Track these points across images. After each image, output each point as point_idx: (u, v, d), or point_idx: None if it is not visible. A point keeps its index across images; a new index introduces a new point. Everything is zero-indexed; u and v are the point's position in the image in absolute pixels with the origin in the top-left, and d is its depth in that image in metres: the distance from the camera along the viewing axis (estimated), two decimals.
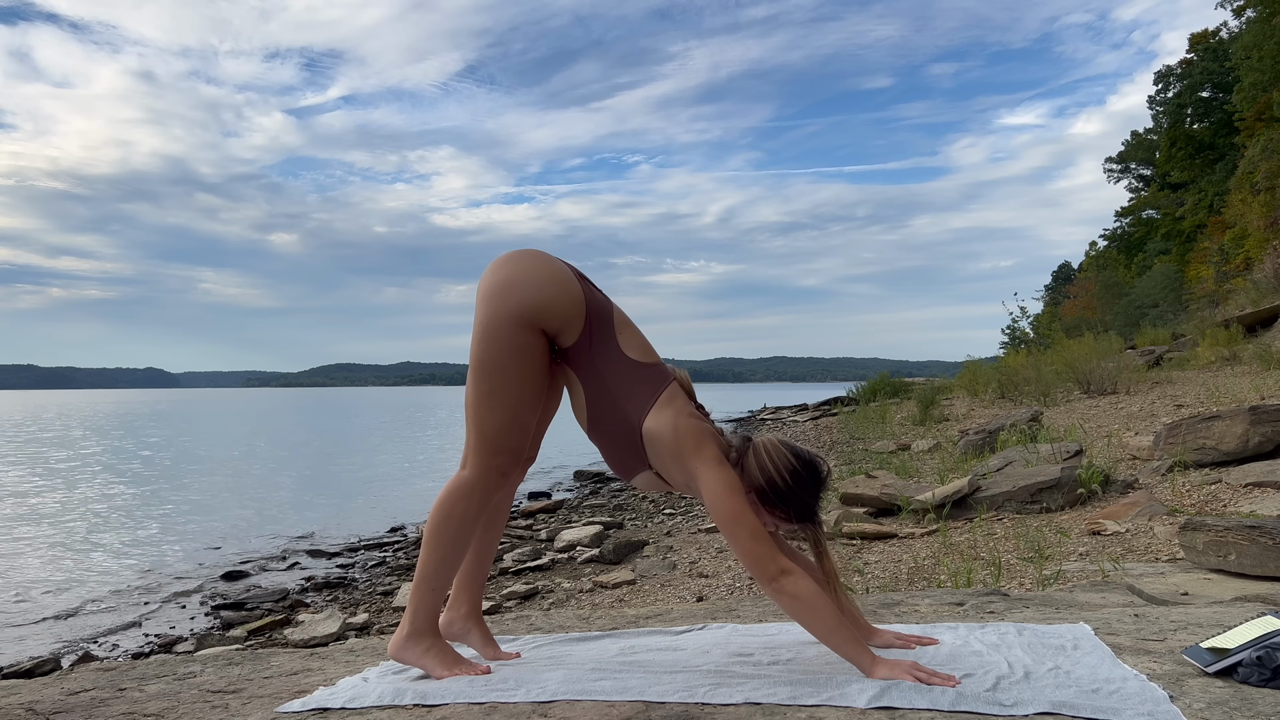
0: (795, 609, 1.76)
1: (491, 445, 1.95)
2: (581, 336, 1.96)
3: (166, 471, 19.01)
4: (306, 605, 7.22)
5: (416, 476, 17.36)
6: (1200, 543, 4.07)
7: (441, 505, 1.97)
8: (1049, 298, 52.56)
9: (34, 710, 1.85)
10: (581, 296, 1.96)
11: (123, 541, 10.30)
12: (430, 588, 1.97)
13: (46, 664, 5.62)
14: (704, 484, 1.84)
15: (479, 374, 1.93)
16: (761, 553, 1.77)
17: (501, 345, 1.91)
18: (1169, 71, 40.43)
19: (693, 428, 1.88)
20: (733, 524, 1.80)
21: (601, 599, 6.22)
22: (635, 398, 1.92)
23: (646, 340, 2.03)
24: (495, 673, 1.94)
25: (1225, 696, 1.57)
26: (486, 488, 1.97)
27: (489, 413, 1.93)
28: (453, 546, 1.97)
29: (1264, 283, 18.91)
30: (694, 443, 1.87)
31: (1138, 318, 30.20)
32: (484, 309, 1.93)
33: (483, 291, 1.95)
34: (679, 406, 1.92)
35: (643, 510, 11.01)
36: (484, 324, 1.92)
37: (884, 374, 27.32)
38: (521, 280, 1.92)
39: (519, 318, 1.90)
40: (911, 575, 5.12)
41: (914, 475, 9.00)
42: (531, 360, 1.93)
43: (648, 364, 1.97)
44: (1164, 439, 6.94)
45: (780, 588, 1.76)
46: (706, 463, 1.85)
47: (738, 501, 1.81)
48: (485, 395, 1.93)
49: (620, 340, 1.97)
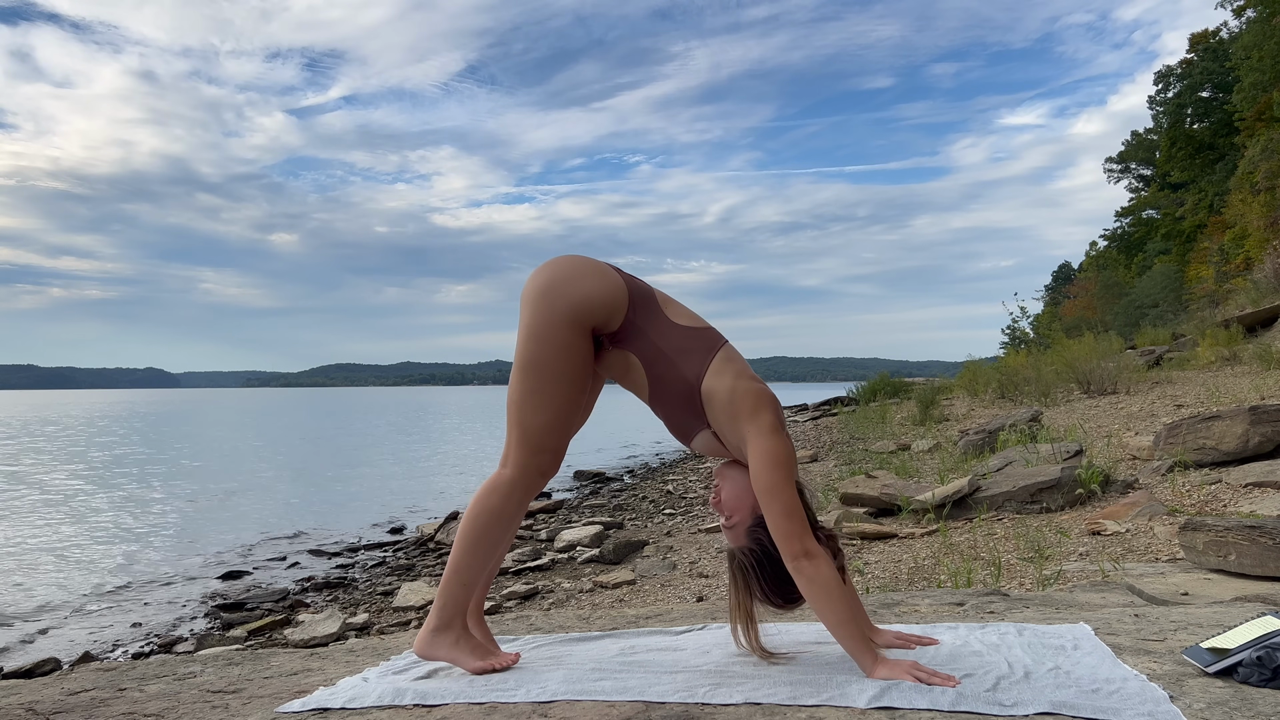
0: (812, 592, 1.77)
1: (534, 444, 1.96)
2: (628, 316, 1.99)
3: (166, 472, 19.01)
4: (306, 605, 7.22)
5: (417, 477, 17.33)
6: (1200, 543, 4.07)
7: (480, 502, 1.98)
8: (1049, 298, 52.55)
9: (34, 710, 1.85)
10: (621, 282, 2.01)
11: (123, 541, 10.30)
12: (461, 582, 1.99)
13: (47, 664, 5.62)
14: (752, 450, 1.85)
15: (525, 372, 1.95)
16: (791, 530, 1.78)
17: (548, 344, 1.93)
18: (1169, 71, 40.43)
19: (751, 390, 1.89)
20: (769, 496, 1.80)
21: (601, 599, 6.22)
22: (691, 356, 1.95)
23: (694, 312, 2.08)
24: (495, 673, 1.94)
25: (1225, 696, 1.57)
26: (527, 486, 1.98)
27: (534, 411, 1.95)
28: (487, 543, 1.99)
29: (1264, 283, 18.90)
30: (751, 406, 1.87)
31: (1138, 318, 30.20)
32: (530, 311, 1.96)
33: (527, 295, 1.98)
34: (739, 368, 1.94)
35: (643, 510, 11.01)
36: (530, 325, 1.95)
37: (884, 374, 27.33)
38: (562, 279, 1.96)
39: (565, 315, 1.93)
40: (911, 575, 5.12)
41: (914, 475, 9.00)
42: (576, 360, 1.96)
43: (699, 328, 2.01)
44: (1164, 439, 6.94)
45: (801, 568, 1.77)
46: (760, 429, 1.85)
47: (780, 475, 1.81)
48: (531, 394, 1.94)
49: (668, 312, 2.02)
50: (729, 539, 1.98)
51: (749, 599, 1.96)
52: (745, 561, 1.93)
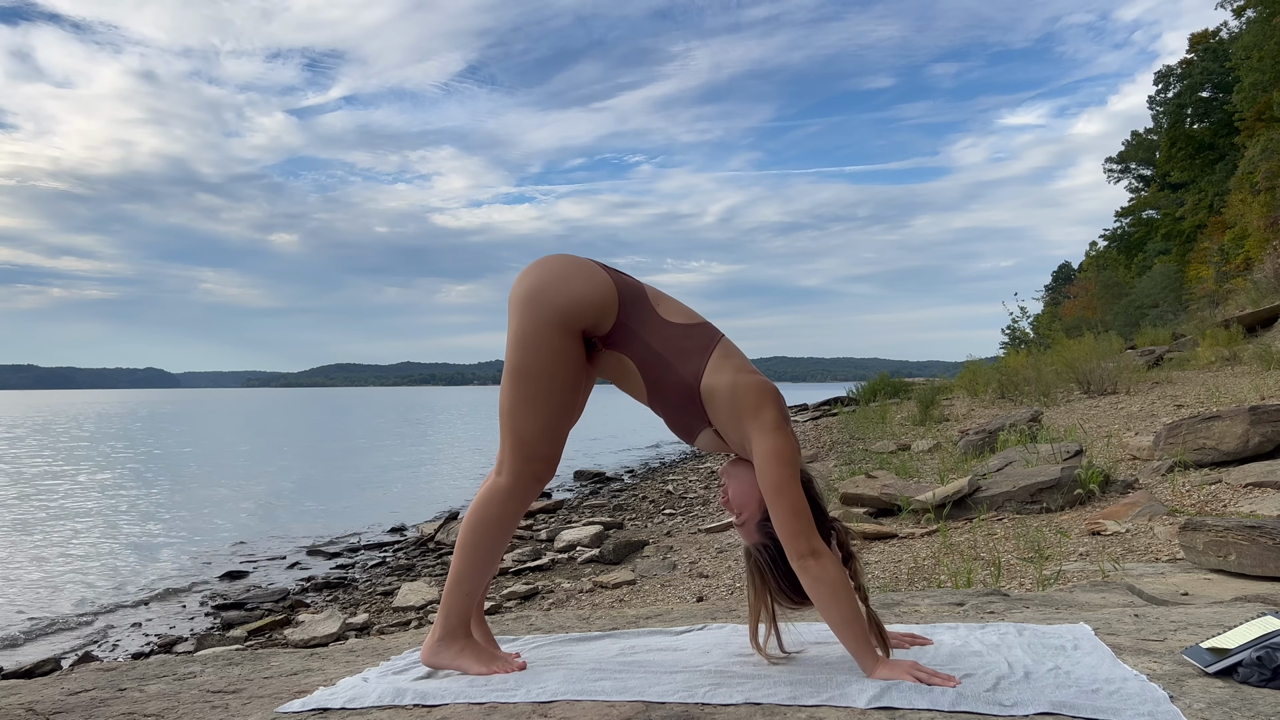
0: (817, 591, 1.76)
1: (528, 452, 1.94)
2: (619, 318, 1.95)
3: (166, 472, 19.01)
4: (306, 605, 7.22)
5: (417, 477, 17.34)
6: (1200, 543, 4.07)
7: (477, 510, 1.97)
8: (1049, 298, 52.54)
9: (34, 710, 1.85)
10: (610, 282, 1.96)
11: (123, 542, 10.30)
12: (464, 591, 1.99)
13: (47, 664, 5.62)
14: (756, 448, 1.83)
15: (516, 380, 1.92)
16: (798, 529, 1.77)
17: (538, 351, 1.90)
18: (1169, 72, 40.43)
19: (753, 385, 1.87)
20: (775, 494, 1.79)
21: (601, 599, 6.22)
22: (688, 356, 1.92)
23: (688, 307, 2.04)
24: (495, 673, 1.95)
25: (1225, 697, 1.57)
26: (523, 493, 1.97)
27: (526, 419, 1.93)
28: (487, 551, 1.98)
29: (1264, 283, 18.91)
30: (753, 402, 1.85)
31: (1138, 318, 30.20)
32: (518, 317, 1.93)
33: (514, 300, 1.94)
34: (738, 363, 1.91)
35: (643, 510, 11.01)
36: (519, 331, 1.92)
37: (884, 374, 27.32)
38: (549, 282, 1.92)
39: (553, 321, 1.90)
40: (911, 575, 5.12)
41: (914, 475, 8.99)
42: (568, 366, 1.93)
43: (693, 324, 1.97)
44: (1164, 439, 6.94)
45: (806, 567, 1.76)
46: (763, 426, 1.83)
47: (785, 472, 1.79)
48: (522, 402, 1.92)
49: (660, 310, 1.98)
50: (741, 536, 1.98)
51: (767, 597, 1.94)
52: (760, 559, 1.92)
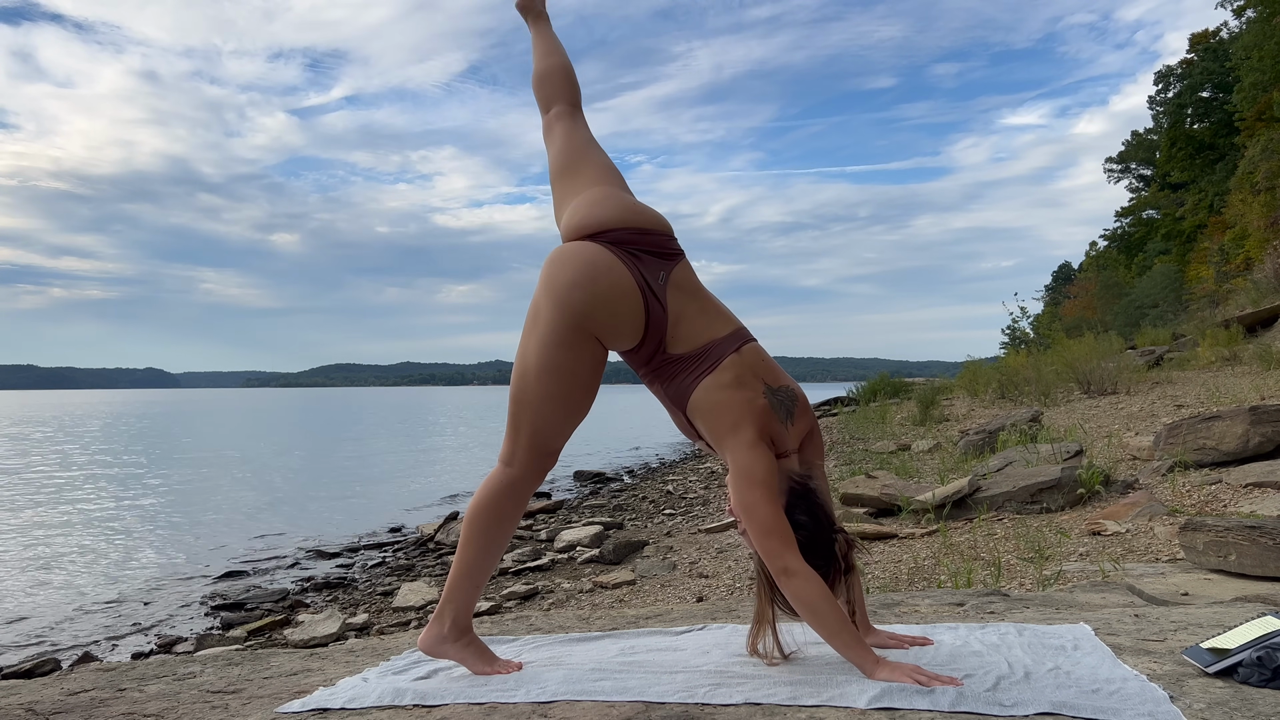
0: (797, 609, 1.76)
1: (544, 447, 1.95)
2: (634, 347, 1.96)
3: (166, 472, 19.01)
4: (306, 605, 7.22)
5: (417, 476, 17.33)
6: (1200, 543, 4.07)
7: (483, 502, 1.96)
8: (1049, 298, 52.53)
9: (34, 710, 1.85)
10: (643, 315, 1.91)
11: (122, 542, 10.30)
12: (473, 584, 1.99)
13: (46, 664, 5.62)
14: (730, 467, 1.83)
15: (547, 376, 1.89)
16: (769, 548, 1.76)
17: (576, 353, 1.89)
18: (1169, 71, 40.44)
19: (731, 403, 1.84)
20: (744, 515, 1.79)
21: (601, 599, 6.22)
22: (683, 385, 1.92)
23: (707, 317, 1.96)
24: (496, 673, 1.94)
25: (1225, 697, 1.57)
26: (530, 487, 1.98)
27: (550, 416, 1.92)
28: (492, 543, 1.98)
29: (1264, 283, 18.90)
30: (730, 421, 1.83)
31: (1138, 318, 30.20)
32: (558, 313, 1.88)
33: (557, 293, 1.89)
34: (725, 380, 1.87)
35: (643, 510, 11.01)
36: (558, 330, 1.88)
37: (884, 374, 27.32)
38: (603, 302, 1.88)
39: (593, 331, 1.90)
40: (911, 575, 5.12)
41: (914, 475, 9.00)
42: (598, 370, 1.96)
43: (694, 353, 1.91)
44: (1164, 439, 6.94)
45: (783, 584, 1.76)
46: (739, 444, 1.81)
47: (755, 494, 1.77)
48: (550, 398, 1.90)
49: (669, 345, 1.93)
50: (746, 544, 1.98)
51: (772, 605, 1.91)
52: (762, 567, 1.90)
